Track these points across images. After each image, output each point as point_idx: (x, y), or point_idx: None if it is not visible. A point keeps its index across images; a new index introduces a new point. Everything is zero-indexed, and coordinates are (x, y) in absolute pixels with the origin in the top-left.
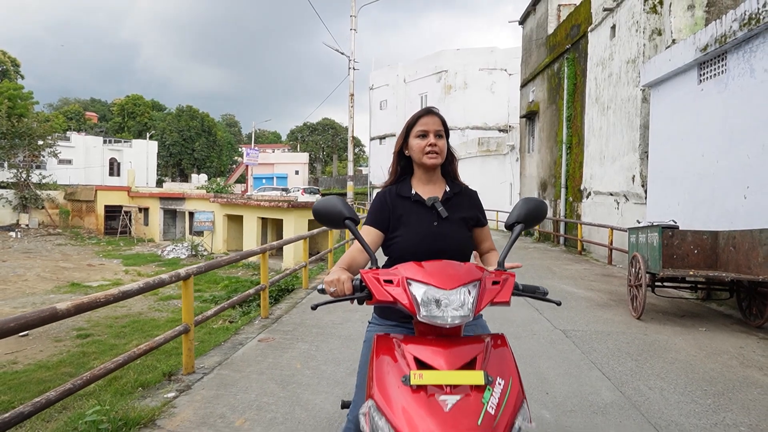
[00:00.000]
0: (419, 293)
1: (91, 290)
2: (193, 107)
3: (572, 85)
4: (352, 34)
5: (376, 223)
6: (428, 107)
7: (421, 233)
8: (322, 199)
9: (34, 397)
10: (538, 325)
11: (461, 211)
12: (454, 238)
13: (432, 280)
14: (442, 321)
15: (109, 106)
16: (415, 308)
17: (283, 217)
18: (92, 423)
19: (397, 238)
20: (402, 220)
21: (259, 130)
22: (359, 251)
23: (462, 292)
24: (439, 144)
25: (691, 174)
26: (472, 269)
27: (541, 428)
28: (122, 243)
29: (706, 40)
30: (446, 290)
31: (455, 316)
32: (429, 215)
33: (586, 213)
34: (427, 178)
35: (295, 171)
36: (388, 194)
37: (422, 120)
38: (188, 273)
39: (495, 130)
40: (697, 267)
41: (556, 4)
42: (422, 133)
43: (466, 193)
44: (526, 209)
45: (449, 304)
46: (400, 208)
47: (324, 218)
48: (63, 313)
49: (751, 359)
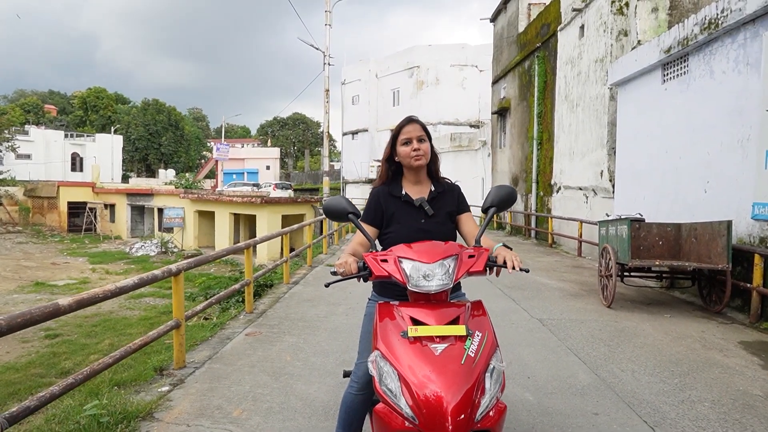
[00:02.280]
0: (408, 267)
1: (57, 289)
2: (160, 101)
3: (542, 82)
4: (327, 30)
5: (371, 221)
6: (409, 117)
7: (411, 229)
8: (331, 198)
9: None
10: (515, 315)
11: (445, 207)
12: (439, 232)
13: (418, 256)
14: (427, 288)
15: (69, 99)
16: (406, 279)
17: (256, 213)
18: (93, 417)
19: (391, 234)
20: (394, 218)
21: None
22: (359, 243)
23: (443, 264)
24: (423, 147)
25: (656, 169)
26: (451, 246)
27: (525, 410)
28: (87, 240)
29: (669, 42)
30: (429, 263)
31: (438, 284)
32: (417, 213)
33: (557, 207)
34: (415, 179)
35: (266, 166)
36: (381, 195)
37: (405, 129)
38: (179, 268)
39: (466, 126)
40: (662, 257)
41: (526, 3)
42: (406, 141)
43: (448, 189)
44: (498, 195)
45: (433, 275)
46: (392, 207)
47: (332, 213)
48: (65, 309)
49: (712, 342)
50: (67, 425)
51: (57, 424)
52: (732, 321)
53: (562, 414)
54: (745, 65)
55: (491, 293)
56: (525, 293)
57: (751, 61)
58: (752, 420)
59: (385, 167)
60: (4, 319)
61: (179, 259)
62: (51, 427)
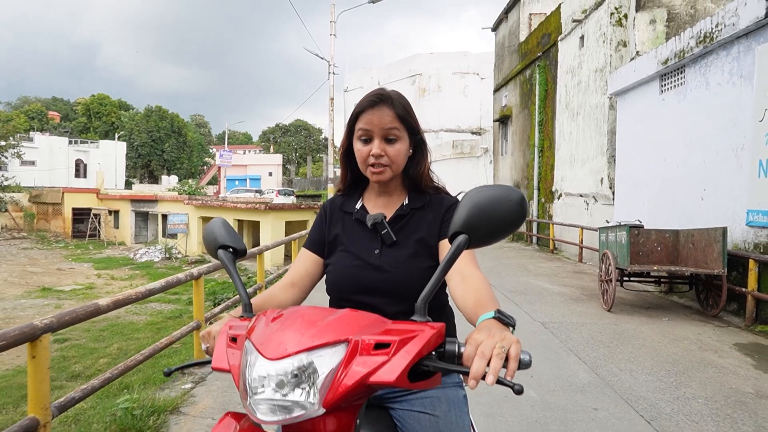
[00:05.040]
0: (249, 362)
1: (64, 295)
2: (163, 107)
3: (543, 91)
4: (331, 40)
5: (312, 245)
6: (378, 93)
7: (355, 265)
8: (210, 222)
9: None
10: (518, 318)
11: (419, 231)
12: (398, 272)
13: (263, 341)
14: (264, 415)
15: (72, 106)
16: (244, 389)
17: (260, 219)
18: (126, 410)
19: (329, 268)
20: (337, 244)
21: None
22: (285, 285)
23: (301, 363)
24: (389, 152)
25: (654, 177)
26: (343, 321)
27: (528, 405)
28: (92, 246)
29: (666, 54)
30: (270, 361)
31: (282, 404)
32: (371, 239)
33: (558, 213)
34: (380, 189)
35: (268, 173)
36: (329, 207)
37: (365, 116)
38: (200, 272)
39: (468, 133)
40: (661, 263)
41: (527, 13)
42: (364, 136)
43: (431, 204)
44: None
45: (282, 385)
46: (338, 226)
47: (206, 245)
48: (105, 308)
49: (707, 344)
50: (104, 417)
51: (95, 415)
52: (728, 324)
53: (564, 409)
54: (739, 77)
55: None
56: (527, 297)
57: (745, 74)
58: (743, 415)
59: (343, 166)
60: (55, 317)
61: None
62: (91, 417)
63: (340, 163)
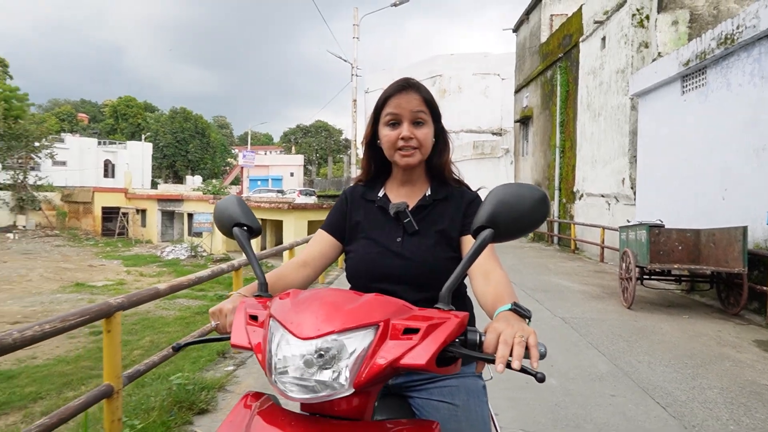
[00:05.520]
0: (275, 341)
1: (96, 290)
2: (187, 109)
3: (565, 92)
4: (354, 43)
5: (330, 228)
6: (404, 79)
7: (377, 252)
8: (223, 199)
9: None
10: (539, 314)
11: (441, 222)
12: (420, 260)
13: (292, 320)
14: (294, 392)
15: (100, 108)
16: (267, 367)
17: (283, 219)
18: (180, 385)
19: (350, 254)
20: (358, 231)
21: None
22: (298, 264)
23: (330, 345)
24: (418, 135)
25: (676, 177)
26: (373, 305)
27: (549, 391)
28: (120, 244)
29: (688, 55)
30: (301, 340)
31: (306, 390)
32: (393, 228)
33: (579, 214)
34: (404, 178)
35: (290, 173)
36: (350, 194)
37: (393, 100)
38: (239, 264)
39: (489, 134)
40: (682, 262)
41: (548, 14)
42: (393, 120)
43: (454, 197)
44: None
45: (311, 364)
46: (359, 213)
47: (218, 222)
48: (163, 292)
49: (726, 340)
50: (161, 390)
51: (154, 388)
52: (749, 322)
53: (583, 395)
54: (760, 78)
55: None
56: (548, 295)
57: (766, 75)
58: (757, 404)
59: (366, 156)
60: (125, 297)
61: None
62: (151, 390)
63: (364, 154)
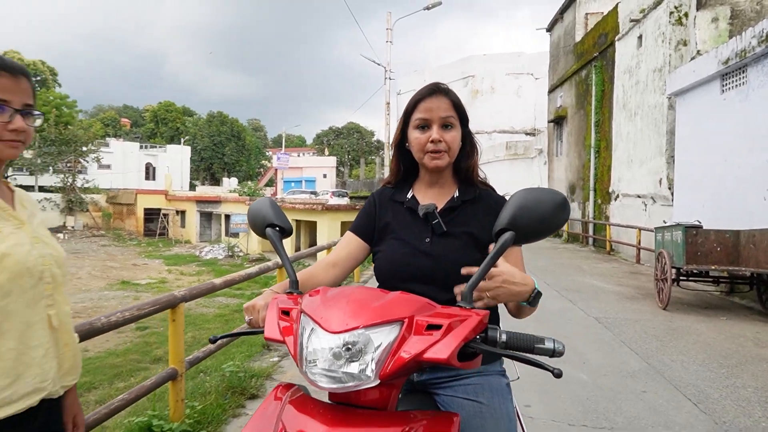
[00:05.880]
0: (306, 335)
1: (141, 287)
2: (223, 113)
3: (600, 91)
4: (388, 47)
5: (359, 230)
6: (434, 84)
7: (405, 252)
8: (256, 201)
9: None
10: (572, 313)
11: (469, 224)
12: (448, 260)
13: (322, 315)
14: (323, 382)
15: (141, 113)
16: (299, 358)
17: (316, 219)
18: (232, 372)
19: (379, 254)
20: (387, 232)
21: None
22: (327, 265)
23: (357, 338)
24: (446, 138)
25: (714, 177)
26: (398, 303)
27: (580, 386)
28: (161, 244)
29: (727, 54)
30: (330, 333)
31: (337, 376)
32: (422, 228)
33: (615, 215)
34: (432, 180)
35: (323, 174)
36: (378, 196)
37: (423, 104)
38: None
39: (522, 134)
40: (720, 263)
41: (583, 13)
42: (423, 123)
43: (482, 200)
44: (523, 209)
45: (339, 356)
46: (388, 214)
47: (252, 223)
48: (219, 286)
49: (765, 341)
50: (215, 376)
51: (208, 375)
52: None
53: (613, 390)
54: None
55: (547, 294)
56: (582, 295)
57: None
58: None
59: (395, 159)
60: (187, 290)
61: (245, 263)
62: (207, 377)
63: (393, 156)
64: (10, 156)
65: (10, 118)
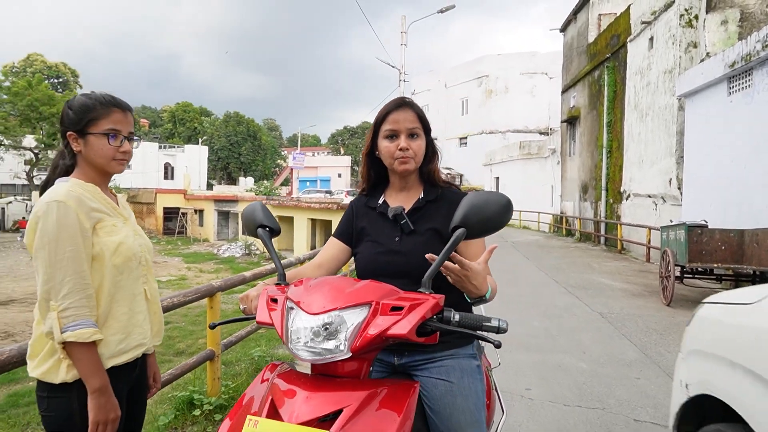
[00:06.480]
0: (291, 317)
1: (162, 284)
2: (239, 113)
3: (612, 92)
4: (402, 50)
5: (340, 235)
6: (400, 98)
7: (379, 251)
8: (249, 204)
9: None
10: (577, 309)
11: (433, 221)
12: (415, 255)
13: (304, 300)
14: (304, 355)
15: (159, 113)
16: (285, 337)
17: (332, 218)
18: (260, 356)
19: (358, 256)
20: (364, 235)
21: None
22: (314, 265)
23: (333, 319)
24: (413, 146)
25: (722, 178)
26: (367, 289)
27: (578, 373)
28: (180, 242)
29: (733, 57)
30: (310, 315)
31: (314, 353)
32: (392, 229)
33: (626, 214)
34: (400, 185)
35: (337, 174)
36: (355, 204)
37: (391, 116)
38: (304, 257)
39: (536, 133)
40: (725, 261)
41: (596, 14)
42: (391, 134)
43: (444, 198)
44: (474, 209)
45: (318, 334)
46: (363, 219)
47: (245, 224)
48: (249, 278)
49: None
50: (244, 359)
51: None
52: None
53: (609, 377)
54: None
55: (555, 290)
56: (588, 292)
57: None
58: None
59: (365, 166)
60: (222, 281)
61: (261, 261)
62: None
63: (363, 164)
64: (118, 171)
65: (121, 143)
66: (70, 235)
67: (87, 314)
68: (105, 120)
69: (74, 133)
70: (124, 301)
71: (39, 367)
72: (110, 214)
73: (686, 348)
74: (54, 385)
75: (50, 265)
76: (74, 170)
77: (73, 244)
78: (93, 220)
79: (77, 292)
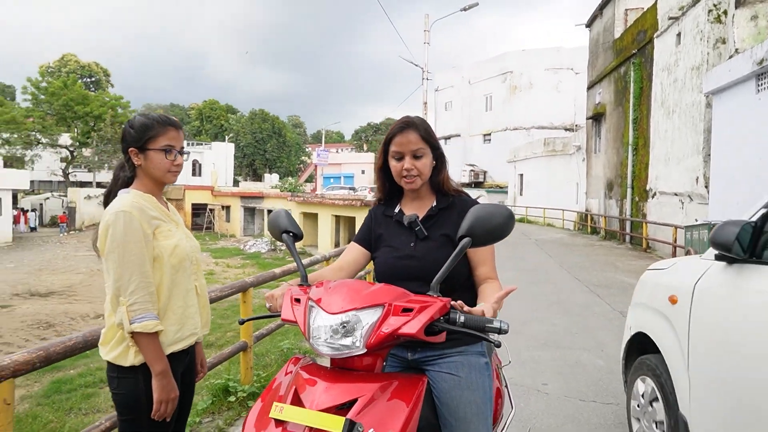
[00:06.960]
0: (313, 316)
1: None
2: (265, 110)
3: (638, 88)
4: (425, 48)
5: (360, 241)
6: (405, 120)
7: (397, 255)
8: (274, 211)
9: None
10: (598, 307)
11: (445, 227)
12: (429, 259)
13: (324, 300)
14: (324, 350)
15: (186, 111)
16: (308, 334)
17: (355, 215)
18: (289, 348)
19: (376, 260)
20: (381, 240)
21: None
22: (335, 269)
23: (350, 318)
24: (418, 165)
25: (750, 176)
26: (381, 292)
27: (595, 370)
28: (207, 238)
29: (762, 54)
30: (330, 314)
31: (334, 348)
32: (407, 235)
33: (652, 212)
34: (412, 196)
35: (361, 171)
36: (374, 212)
37: (396, 139)
38: (330, 255)
39: (561, 129)
40: None
41: (623, 9)
42: (397, 156)
43: (456, 206)
44: (479, 221)
45: (337, 332)
46: (381, 226)
47: (271, 230)
48: (279, 274)
49: None
50: (274, 351)
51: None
52: None
53: None
54: None
55: (576, 288)
56: (610, 291)
57: None
58: None
59: (379, 179)
60: (254, 278)
61: (287, 257)
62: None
63: (377, 177)
64: (172, 182)
65: (175, 157)
66: (136, 240)
67: (151, 308)
68: (162, 137)
69: (135, 149)
70: (179, 296)
71: (111, 352)
72: (165, 220)
73: (632, 302)
74: (123, 367)
75: (119, 267)
76: (134, 181)
77: (138, 248)
78: (153, 227)
79: (142, 289)
